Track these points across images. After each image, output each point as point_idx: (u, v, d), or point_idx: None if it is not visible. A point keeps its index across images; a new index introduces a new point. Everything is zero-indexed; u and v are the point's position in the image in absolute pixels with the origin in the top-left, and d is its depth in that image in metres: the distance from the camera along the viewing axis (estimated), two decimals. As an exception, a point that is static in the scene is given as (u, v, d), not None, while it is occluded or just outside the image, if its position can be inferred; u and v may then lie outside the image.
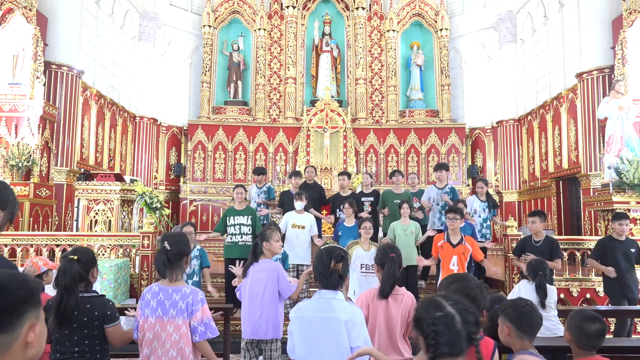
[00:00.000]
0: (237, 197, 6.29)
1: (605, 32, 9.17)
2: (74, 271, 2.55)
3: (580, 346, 2.35)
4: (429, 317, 1.58)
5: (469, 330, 1.56)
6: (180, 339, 2.57)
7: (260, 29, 13.46)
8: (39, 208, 8.45)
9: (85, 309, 2.58)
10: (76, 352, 2.57)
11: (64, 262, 2.62)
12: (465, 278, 2.10)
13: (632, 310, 5.63)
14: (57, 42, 9.34)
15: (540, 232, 5.23)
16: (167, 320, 2.58)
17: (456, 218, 5.05)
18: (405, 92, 13.78)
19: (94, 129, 10.53)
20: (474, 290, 2.04)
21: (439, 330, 1.54)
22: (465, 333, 1.55)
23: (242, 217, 6.14)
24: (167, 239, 2.73)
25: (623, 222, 5.10)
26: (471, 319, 1.59)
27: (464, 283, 2.06)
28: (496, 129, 13.06)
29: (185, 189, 12.54)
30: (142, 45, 12.70)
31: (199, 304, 2.62)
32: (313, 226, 6.19)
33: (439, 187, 6.99)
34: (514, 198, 12.53)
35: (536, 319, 2.36)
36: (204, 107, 13.19)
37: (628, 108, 7.95)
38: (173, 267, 2.67)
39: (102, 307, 2.63)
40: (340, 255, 2.52)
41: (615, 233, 5.18)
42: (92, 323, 2.58)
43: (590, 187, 8.93)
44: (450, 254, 5.07)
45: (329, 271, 2.48)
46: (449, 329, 1.54)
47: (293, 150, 12.90)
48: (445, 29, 13.39)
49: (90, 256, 2.73)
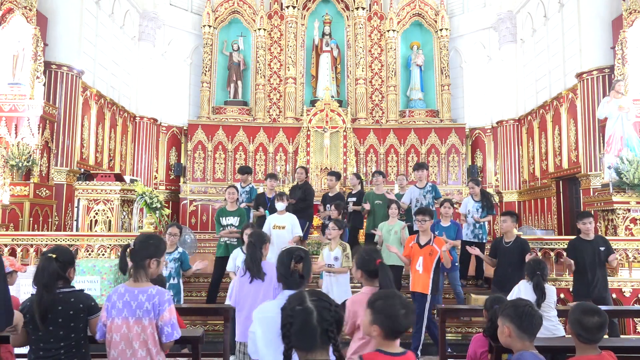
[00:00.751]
0: (229, 197, 6.35)
1: (605, 32, 9.17)
2: (52, 269, 2.61)
3: (580, 339, 2.35)
4: (289, 309, 1.65)
5: (325, 328, 1.59)
6: (148, 340, 2.58)
7: (260, 29, 13.46)
8: (39, 208, 8.45)
9: (70, 302, 2.63)
10: (62, 347, 2.60)
11: (42, 260, 2.68)
12: (392, 297, 2.04)
13: (632, 310, 5.64)
14: (57, 42, 9.34)
15: (510, 232, 5.26)
16: (133, 321, 2.58)
17: (424, 220, 5.14)
18: (405, 92, 13.78)
19: (94, 129, 10.53)
20: (398, 311, 1.96)
21: (293, 322, 1.60)
22: (321, 330, 1.59)
23: (232, 218, 6.20)
24: (137, 237, 2.76)
25: (586, 221, 5.13)
26: (329, 317, 1.62)
27: (389, 302, 2.00)
28: (496, 129, 13.06)
29: (185, 189, 12.54)
30: (142, 45, 12.70)
31: (166, 304, 2.62)
32: (294, 226, 6.25)
33: (420, 187, 7.03)
34: (514, 198, 12.53)
35: (537, 319, 2.36)
36: (204, 107, 13.19)
37: (628, 108, 7.94)
38: (136, 267, 2.68)
39: (86, 299, 2.70)
40: (299, 256, 2.57)
41: (582, 233, 5.20)
42: (78, 315, 2.64)
43: (590, 187, 8.93)
44: (417, 255, 5.13)
45: (290, 271, 2.52)
46: (303, 323, 1.59)
47: (293, 150, 12.91)
48: (445, 29, 13.39)
49: (69, 256, 2.78)
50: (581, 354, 2.37)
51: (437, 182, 12.66)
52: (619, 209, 7.15)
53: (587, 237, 5.16)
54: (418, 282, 5.11)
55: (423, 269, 5.06)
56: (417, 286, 5.12)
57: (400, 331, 2.01)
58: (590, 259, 5.08)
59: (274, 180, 7.33)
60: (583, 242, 5.18)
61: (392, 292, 2.12)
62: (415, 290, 5.15)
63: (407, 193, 7.16)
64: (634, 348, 3.58)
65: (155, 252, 2.73)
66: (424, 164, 7.32)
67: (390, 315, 1.97)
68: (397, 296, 2.07)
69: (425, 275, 5.06)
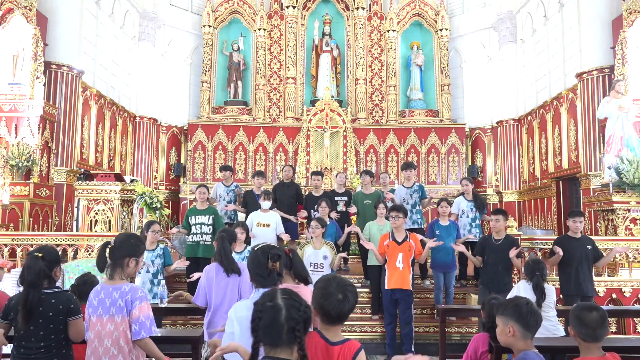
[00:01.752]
0: (199, 196, 6.38)
1: (605, 32, 9.17)
2: (38, 268, 2.64)
3: (582, 337, 2.35)
4: (260, 304, 1.69)
5: (291, 326, 1.63)
6: (120, 337, 2.59)
7: (260, 29, 13.46)
8: (39, 208, 8.45)
9: (51, 304, 2.65)
10: (42, 347, 2.63)
11: (28, 259, 2.71)
12: (329, 280, 2.02)
13: (632, 310, 5.64)
14: (57, 42, 9.34)
15: (501, 230, 5.29)
16: (106, 318, 2.60)
17: (399, 216, 5.24)
18: (405, 92, 13.78)
19: (94, 129, 10.53)
20: (333, 295, 1.95)
21: (262, 317, 1.64)
22: (287, 328, 1.62)
23: (203, 217, 6.22)
24: (117, 236, 2.77)
25: (577, 220, 5.16)
26: (297, 316, 1.65)
27: (324, 285, 2.00)
28: (496, 129, 13.06)
29: (185, 189, 12.54)
30: (142, 45, 12.70)
31: (137, 302, 2.62)
32: (279, 224, 6.31)
33: (407, 187, 7.07)
34: (514, 198, 12.53)
35: (539, 317, 2.37)
36: (204, 107, 13.19)
37: (628, 108, 7.94)
38: (114, 265, 2.69)
39: (67, 301, 2.70)
40: (276, 255, 2.57)
41: (571, 231, 5.23)
42: (57, 317, 2.65)
43: (590, 187, 8.93)
44: (395, 252, 5.18)
45: (267, 271, 2.52)
46: (271, 319, 1.63)
47: (293, 150, 12.91)
48: (445, 29, 13.39)
49: (55, 255, 2.81)
50: (585, 355, 2.35)
51: (437, 182, 12.68)
52: (619, 209, 7.14)
53: (575, 235, 5.20)
54: (399, 279, 5.14)
55: (404, 265, 5.14)
56: (399, 283, 5.14)
57: (333, 316, 1.97)
58: (578, 255, 5.10)
59: (261, 178, 7.40)
60: (571, 239, 5.20)
61: (332, 276, 2.11)
62: (397, 288, 5.17)
63: (395, 193, 7.19)
64: (634, 348, 3.58)
65: (135, 251, 2.75)
66: (412, 164, 7.40)
67: (326, 299, 1.97)
68: (336, 280, 2.05)
69: (407, 271, 5.16)
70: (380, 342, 5.84)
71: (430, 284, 6.61)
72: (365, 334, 6.07)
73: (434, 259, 6.13)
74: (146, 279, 4.94)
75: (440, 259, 6.05)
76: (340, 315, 1.98)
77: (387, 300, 5.31)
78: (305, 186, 11.80)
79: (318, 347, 1.96)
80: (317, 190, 7.28)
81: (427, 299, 6.54)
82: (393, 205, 5.59)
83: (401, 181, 9.61)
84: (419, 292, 6.53)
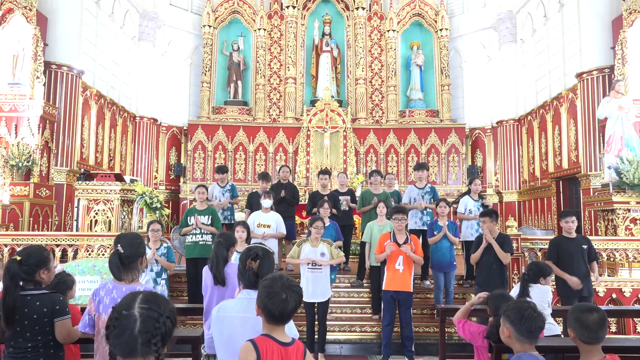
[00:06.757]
0: (199, 197, 6.36)
1: (605, 32, 9.17)
2: (12, 272, 2.62)
3: (582, 339, 2.28)
4: (116, 310, 1.54)
5: (147, 339, 1.47)
6: None
7: (260, 29, 13.46)
8: (39, 208, 8.45)
9: (35, 306, 2.65)
10: (30, 348, 2.63)
11: (8, 261, 2.71)
12: (274, 279, 2.00)
13: (632, 310, 5.64)
14: (57, 42, 9.34)
15: (493, 231, 5.25)
16: None
17: (404, 218, 5.27)
18: (405, 92, 13.79)
19: (94, 129, 10.53)
20: (277, 295, 1.92)
21: (116, 326, 1.50)
22: (142, 340, 1.47)
23: (202, 217, 6.20)
24: (121, 240, 2.72)
25: (568, 220, 5.15)
26: (153, 329, 1.49)
27: (269, 284, 1.96)
28: (496, 129, 13.06)
29: (185, 189, 12.53)
30: (142, 45, 12.70)
31: None
32: (279, 224, 6.32)
33: (419, 187, 7.03)
34: (514, 198, 12.53)
35: (537, 323, 2.30)
36: (204, 107, 13.19)
37: (628, 108, 7.94)
38: (128, 269, 2.68)
39: (52, 303, 2.69)
40: (255, 254, 2.51)
41: (565, 231, 5.22)
42: (42, 319, 2.65)
43: (590, 187, 8.93)
44: (396, 254, 5.16)
45: (246, 270, 2.48)
46: (124, 329, 1.49)
47: (293, 150, 12.91)
48: (445, 29, 13.40)
49: (37, 258, 2.75)
50: (585, 358, 2.31)
51: (437, 182, 12.67)
52: (619, 209, 7.14)
53: (569, 235, 5.19)
54: (400, 281, 5.14)
55: (404, 267, 5.13)
56: (400, 285, 5.14)
57: (276, 315, 1.95)
58: (575, 255, 5.08)
59: (265, 182, 7.34)
60: (566, 239, 5.19)
61: (279, 275, 2.06)
62: (397, 290, 5.16)
63: (407, 193, 7.16)
64: (634, 348, 3.58)
65: (143, 250, 2.80)
66: (425, 165, 7.30)
67: (270, 298, 1.94)
68: (282, 280, 2.01)
69: (407, 273, 5.15)
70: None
71: (430, 284, 6.61)
72: (365, 334, 6.07)
73: (432, 259, 6.13)
74: (149, 277, 4.97)
75: (438, 259, 6.05)
76: (284, 315, 1.96)
77: (387, 301, 5.31)
78: (305, 186, 11.85)
79: (275, 352, 1.95)
80: (324, 189, 7.30)
81: (427, 299, 6.54)
82: (396, 207, 5.56)
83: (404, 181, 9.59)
84: (419, 292, 6.52)
